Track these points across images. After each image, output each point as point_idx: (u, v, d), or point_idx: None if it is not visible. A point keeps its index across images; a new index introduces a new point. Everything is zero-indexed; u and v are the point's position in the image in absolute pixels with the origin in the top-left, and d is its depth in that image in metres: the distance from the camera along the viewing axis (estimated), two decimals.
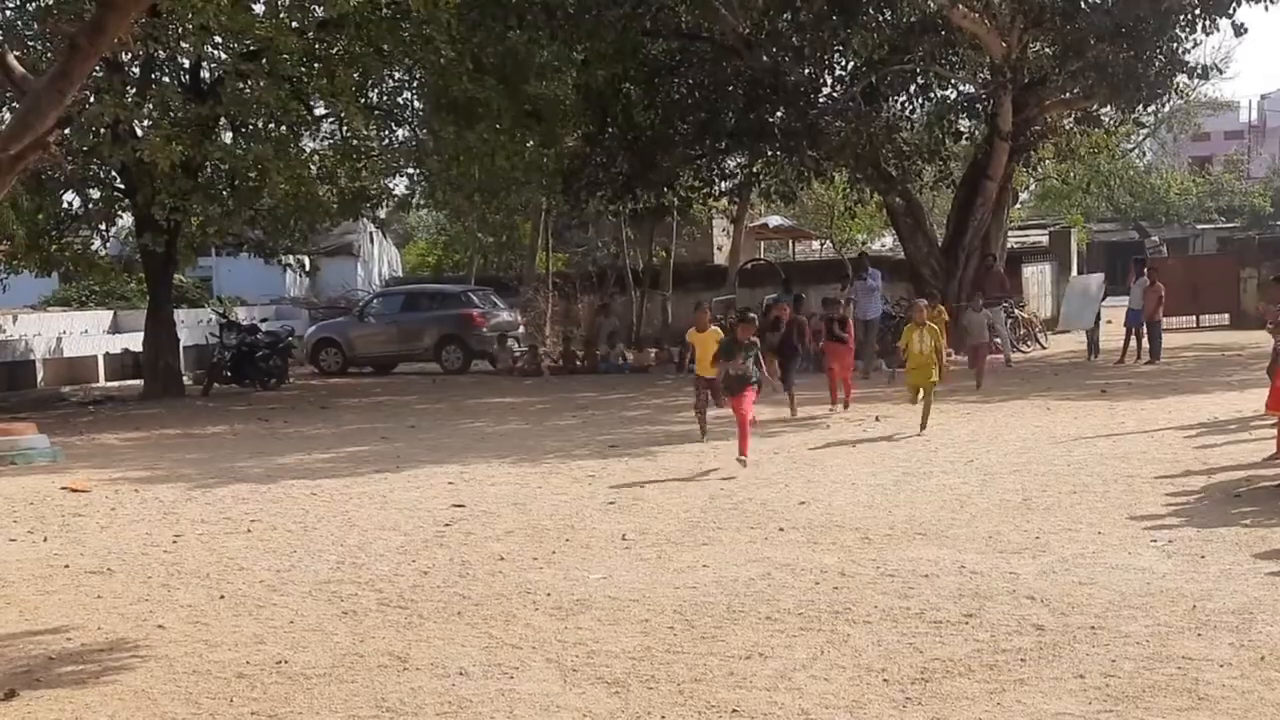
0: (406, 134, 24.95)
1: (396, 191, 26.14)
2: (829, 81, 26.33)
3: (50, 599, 8.03)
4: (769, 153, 26.54)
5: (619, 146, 26.24)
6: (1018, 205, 43.13)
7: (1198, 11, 23.45)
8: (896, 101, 26.55)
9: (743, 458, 12.09)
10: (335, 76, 20.97)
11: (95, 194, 23.48)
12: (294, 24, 20.89)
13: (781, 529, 9.29)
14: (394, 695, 5.87)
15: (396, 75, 23.92)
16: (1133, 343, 23.06)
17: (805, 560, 8.25)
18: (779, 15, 24.64)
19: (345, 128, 23.05)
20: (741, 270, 32.74)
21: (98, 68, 15.97)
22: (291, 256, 28.25)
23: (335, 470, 13.07)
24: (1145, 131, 45.67)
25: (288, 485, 12.18)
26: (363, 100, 22.69)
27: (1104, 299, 25.19)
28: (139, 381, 24.56)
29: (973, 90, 26.57)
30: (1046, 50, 24.96)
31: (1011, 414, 15.91)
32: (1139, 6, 22.82)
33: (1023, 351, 25.48)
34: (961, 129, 27.94)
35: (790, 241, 46.05)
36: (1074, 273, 34.87)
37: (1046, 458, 12.20)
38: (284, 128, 22.51)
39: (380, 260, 44.26)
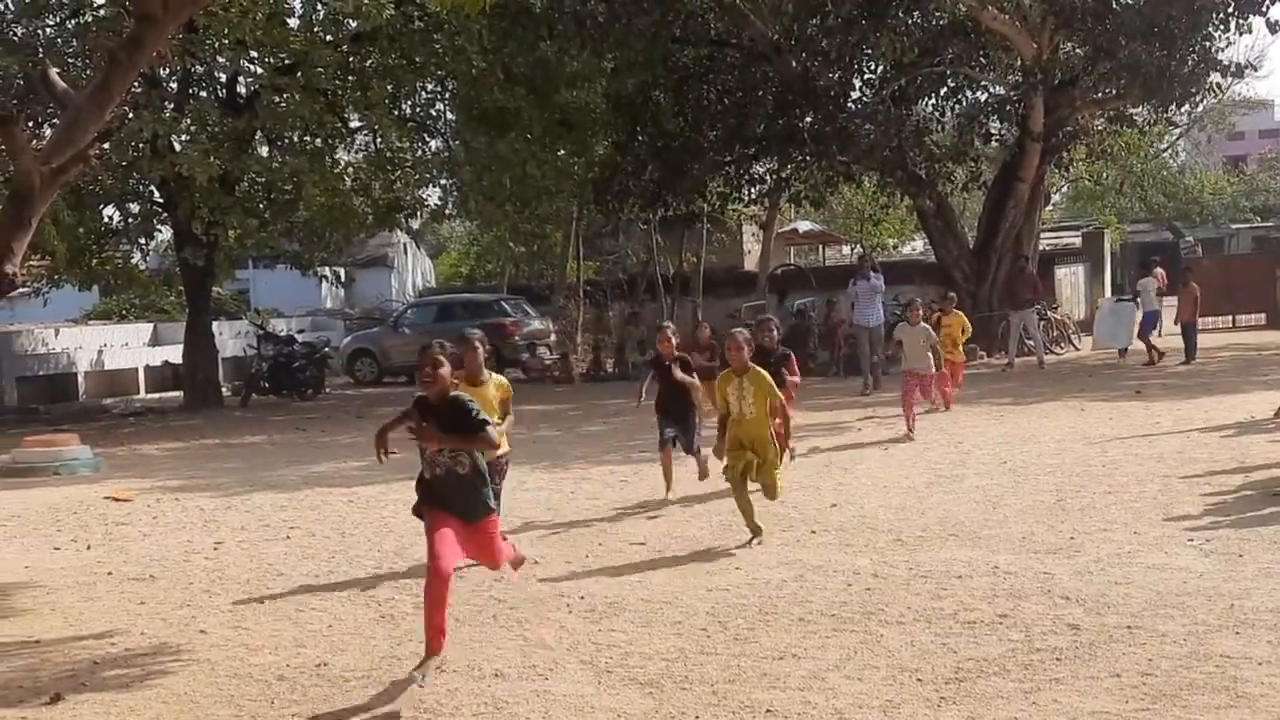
0: (439, 145, 25.15)
1: (430, 202, 26.32)
2: (858, 85, 26.37)
3: (94, 605, 8.14)
4: (798, 157, 26.57)
5: (649, 154, 26.32)
6: (1050, 207, 42.99)
7: (1231, 9, 23.32)
8: (926, 104, 26.54)
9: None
10: (369, 89, 21.17)
11: (135, 208, 23.76)
12: (328, 37, 21.10)
13: (813, 531, 9.31)
14: (431, 697, 5.92)
15: (429, 87, 24.13)
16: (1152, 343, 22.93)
17: (837, 562, 8.27)
18: (808, 20, 24.68)
19: (379, 139, 23.27)
20: (771, 276, 32.71)
21: (136, 83, 16.21)
22: (327, 268, 28.53)
23: (371, 478, 13.15)
24: (1178, 131, 45.43)
25: (325, 493, 12.30)
26: (396, 112, 22.90)
27: (1137, 318, 25.08)
28: (179, 393, 24.82)
29: (1003, 92, 26.52)
30: (1078, 51, 24.89)
31: (1045, 415, 15.84)
32: (1171, 5, 22.70)
33: (1055, 353, 25.36)
34: (992, 131, 27.86)
35: (820, 246, 45.99)
36: (1107, 274, 34.70)
37: (1081, 458, 12.15)
38: (319, 140, 22.75)
39: (414, 271, 44.53)
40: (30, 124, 18.50)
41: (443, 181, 24.79)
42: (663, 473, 11.12)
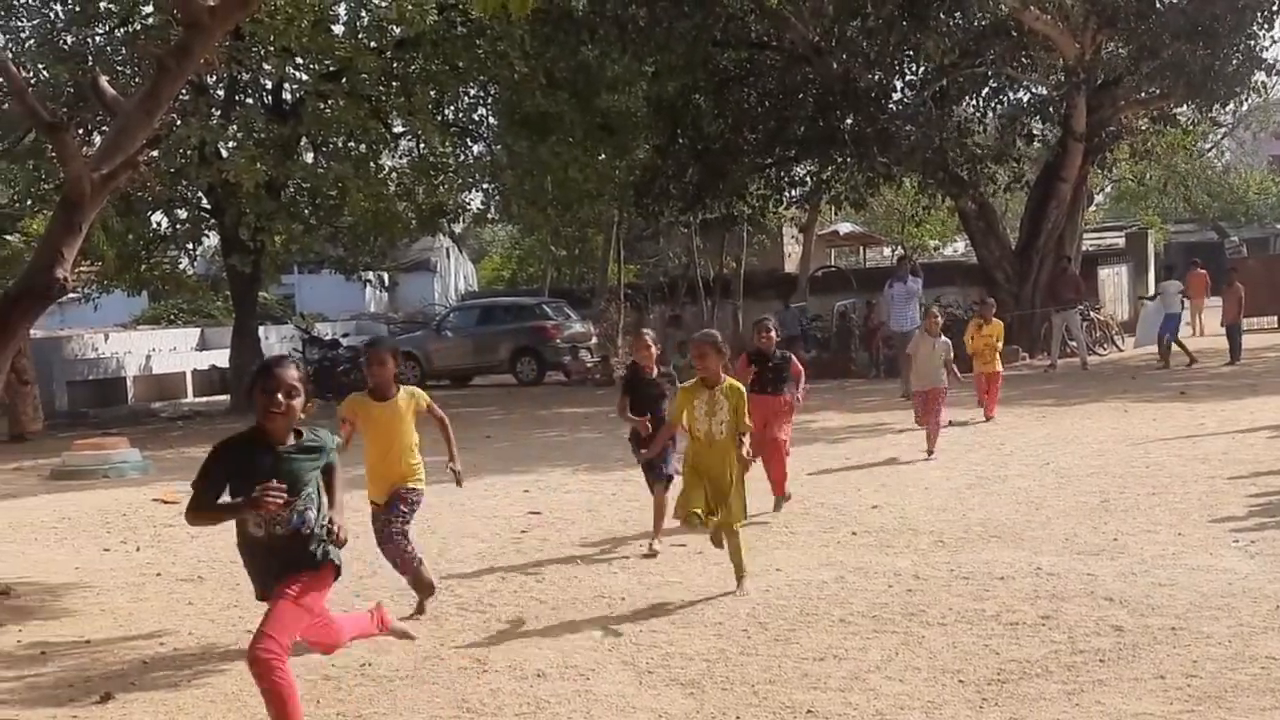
0: (481, 149, 25.29)
1: (472, 207, 26.46)
2: (899, 86, 26.32)
3: (143, 606, 8.24)
4: (839, 159, 26.54)
5: (689, 157, 26.36)
6: (1093, 207, 42.64)
7: (1275, 8, 23.14)
8: (968, 105, 26.44)
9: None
10: (412, 95, 21.34)
11: (183, 214, 24.00)
12: (372, 44, 21.27)
13: (854, 533, 9.31)
14: (474, 696, 5.96)
15: (471, 92, 24.27)
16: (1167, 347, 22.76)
17: (878, 563, 8.27)
18: (849, 22, 24.65)
19: (422, 145, 23.44)
20: (812, 278, 32.68)
21: (184, 91, 16.42)
22: (371, 272, 28.70)
23: None
24: (1223, 130, 44.98)
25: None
26: (439, 117, 23.05)
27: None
28: (225, 396, 25.04)
29: (1045, 92, 26.37)
30: (1120, 50, 24.73)
31: (1088, 416, 15.75)
32: (1215, 4, 22.54)
33: (1099, 354, 25.21)
34: (1034, 131, 27.72)
35: (861, 248, 45.88)
36: (1150, 275, 34.44)
37: (1124, 459, 12.08)
38: (363, 146, 22.92)
39: (456, 275, 44.75)
40: (80, 131, 18.78)
41: (485, 186, 24.92)
42: (654, 516, 9.11)
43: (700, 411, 7.68)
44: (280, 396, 5.07)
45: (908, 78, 26.40)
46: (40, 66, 20.29)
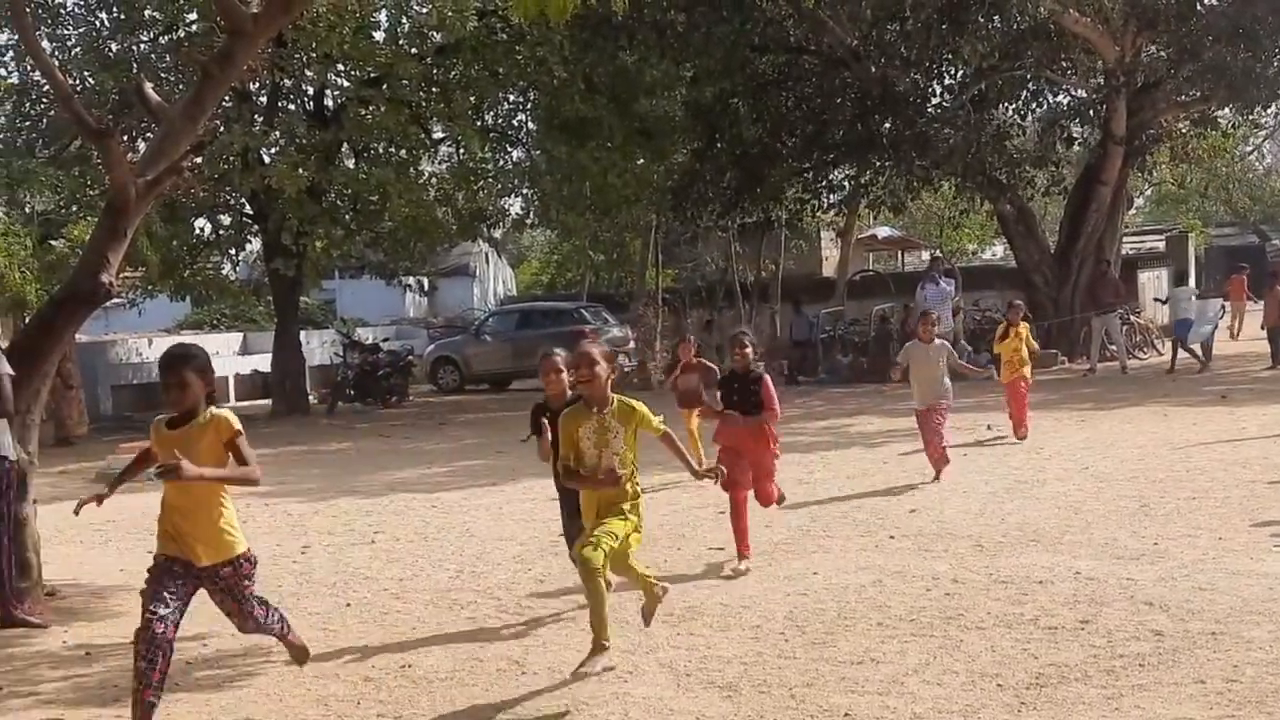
0: (521, 155, 25.40)
1: (511, 212, 26.57)
2: (938, 90, 26.23)
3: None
4: (877, 163, 26.48)
5: (727, 161, 26.37)
6: (1132, 210, 42.38)
7: None
8: (1007, 108, 26.32)
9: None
10: (452, 100, 21.48)
11: (226, 220, 24.23)
12: (413, 50, 21.42)
13: (892, 536, 9.30)
14: (512, 698, 6.01)
15: (511, 97, 24.39)
16: (1180, 353, 22.56)
17: (916, 567, 8.26)
18: (887, 26, 24.62)
19: (462, 150, 23.57)
20: (850, 282, 32.60)
21: (227, 98, 16.59)
22: (411, 277, 28.85)
23: (453, 484, 13.35)
24: (1264, 133, 44.54)
25: (408, 498, 12.48)
26: (479, 123, 23.18)
27: (1220, 317, 24.71)
28: (267, 400, 25.22)
29: (1085, 95, 26.23)
30: (1161, 53, 24.59)
31: (1127, 420, 15.66)
32: (1256, 6, 22.38)
33: (1138, 358, 25.04)
34: (1074, 134, 27.57)
35: (899, 251, 45.72)
36: (1191, 279, 34.18)
37: (1164, 463, 12.01)
38: (404, 151, 23.10)
39: (495, 279, 44.92)
40: (125, 138, 18.99)
41: (524, 191, 25.03)
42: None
43: (588, 442, 6.28)
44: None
45: (946, 81, 26.33)
46: (86, 74, 20.55)
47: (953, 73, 26.15)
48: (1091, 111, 26.35)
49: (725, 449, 8.69)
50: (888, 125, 25.47)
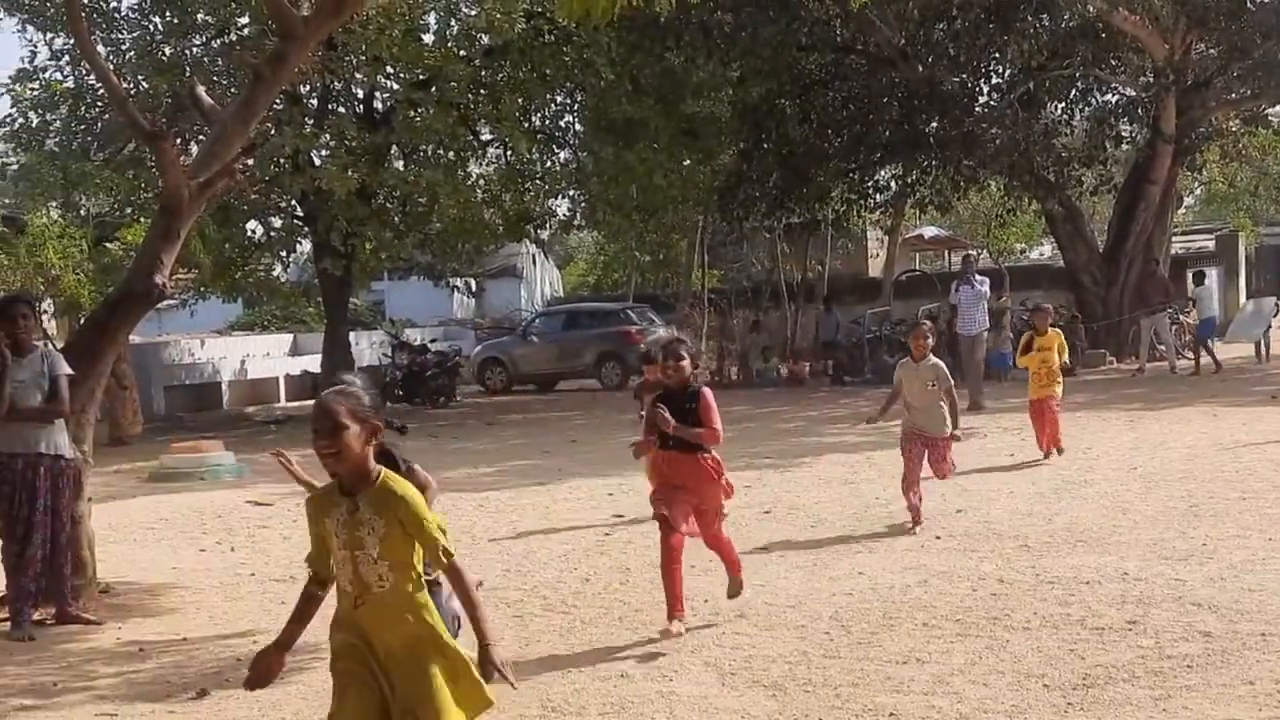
0: (568, 156, 25.45)
1: (558, 213, 26.66)
2: (985, 89, 26.08)
3: (238, 605, 8.44)
4: (924, 163, 26.37)
5: (773, 161, 26.33)
6: (1182, 209, 41.91)
7: None
8: (1055, 107, 26.14)
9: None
10: (500, 102, 21.57)
11: (277, 222, 24.42)
12: (461, 52, 21.51)
13: (938, 537, 9.28)
14: (559, 695, 6.05)
15: (558, 99, 24.45)
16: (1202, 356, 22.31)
17: (962, 568, 8.24)
18: (934, 25, 24.52)
19: (510, 152, 23.66)
20: (896, 282, 32.48)
21: (278, 100, 16.73)
22: (458, 279, 29.00)
23: (501, 483, 13.42)
24: None
25: (456, 497, 12.53)
26: (526, 124, 23.25)
27: (1275, 314, 24.46)
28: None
29: (1134, 93, 26.01)
30: (1210, 51, 24.37)
31: (1176, 420, 15.53)
32: None
33: (1188, 358, 24.79)
34: (1123, 133, 27.35)
35: (946, 251, 45.47)
36: (1242, 278, 33.89)
37: (1214, 464, 11.91)
38: (452, 153, 23.21)
39: (542, 281, 45.05)
40: (179, 141, 19.20)
41: (571, 192, 25.10)
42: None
43: (339, 540, 4.16)
44: None
45: (994, 80, 26.18)
46: (140, 77, 20.78)
47: (1000, 72, 26.01)
48: (1140, 110, 26.13)
49: (661, 485, 7.25)
50: (935, 124, 25.36)
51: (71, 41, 20.08)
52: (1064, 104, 26.28)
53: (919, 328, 10.58)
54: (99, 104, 21.61)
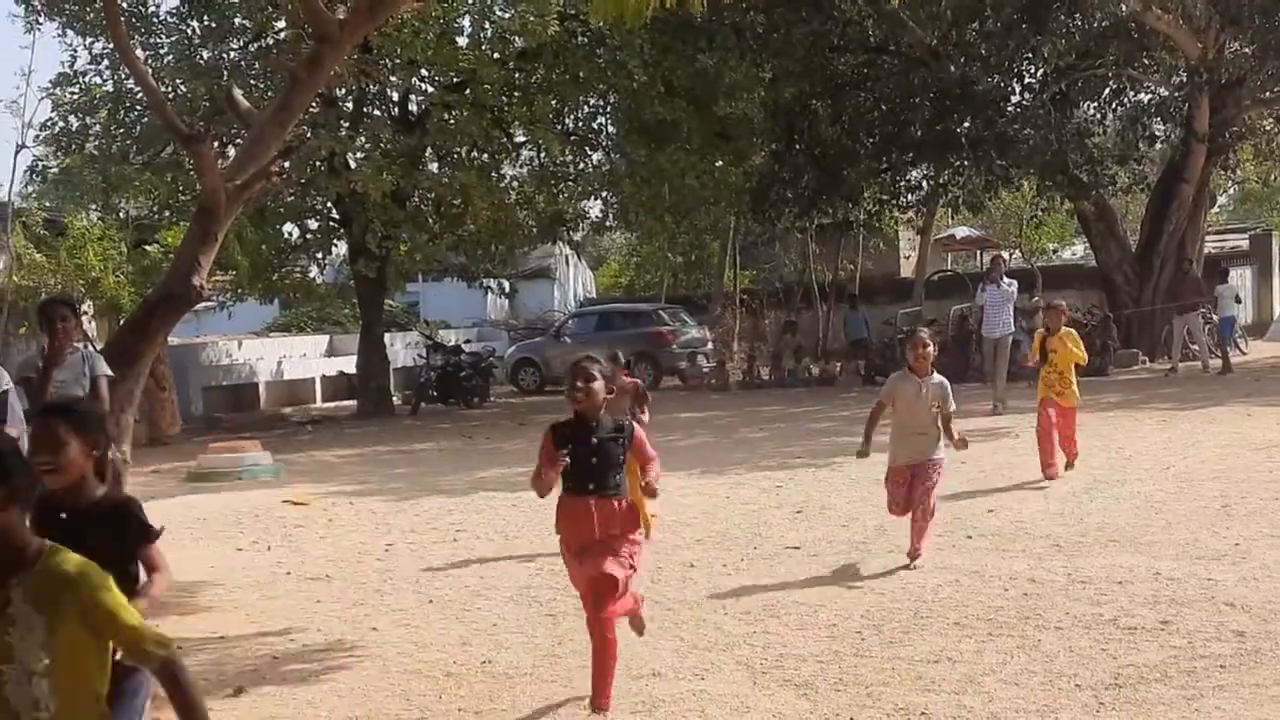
0: (601, 158, 25.50)
1: (591, 214, 26.72)
2: (1018, 89, 25.97)
3: (274, 603, 8.53)
4: (956, 163, 26.28)
5: (805, 162, 26.31)
6: (1215, 209, 41.60)
7: None
8: (1088, 107, 26.01)
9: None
10: (534, 104, 21.65)
11: (313, 224, 24.58)
12: (495, 55, 21.60)
13: (969, 536, 9.27)
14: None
15: (591, 101, 24.50)
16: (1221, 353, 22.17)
17: (994, 567, 8.24)
18: (966, 25, 24.44)
19: (543, 154, 23.73)
20: (928, 282, 32.40)
21: (314, 103, 16.87)
22: (492, 280, 29.09)
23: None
24: None
25: (489, 497, 12.63)
26: (559, 127, 23.33)
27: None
28: (353, 402, 25.58)
29: (1167, 92, 25.86)
30: (1244, 49, 24.17)
31: (1210, 420, 15.42)
32: None
33: (1220, 357, 24.63)
34: (1156, 132, 27.19)
35: (978, 251, 45.27)
36: (1276, 278, 33.58)
37: (1247, 464, 11.84)
38: (486, 156, 23.32)
39: (575, 282, 45.11)
40: (216, 144, 19.40)
41: (604, 194, 25.16)
42: None
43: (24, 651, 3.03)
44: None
45: (1026, 80, 26.05)
46: (178, 81, 20.97)
47: (1033, 71, 25.88)
48: (1174, 109, 25.98)
49: (586, 542, 5.98)
50: (967, 124, 25.26)
51: (111, 46, 20.31)
52: (1097, 103, 26.14)
53: (917, 337, 8.85)
54: (138, 107, 21.82)
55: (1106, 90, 25.82)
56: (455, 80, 22.13)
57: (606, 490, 5.95)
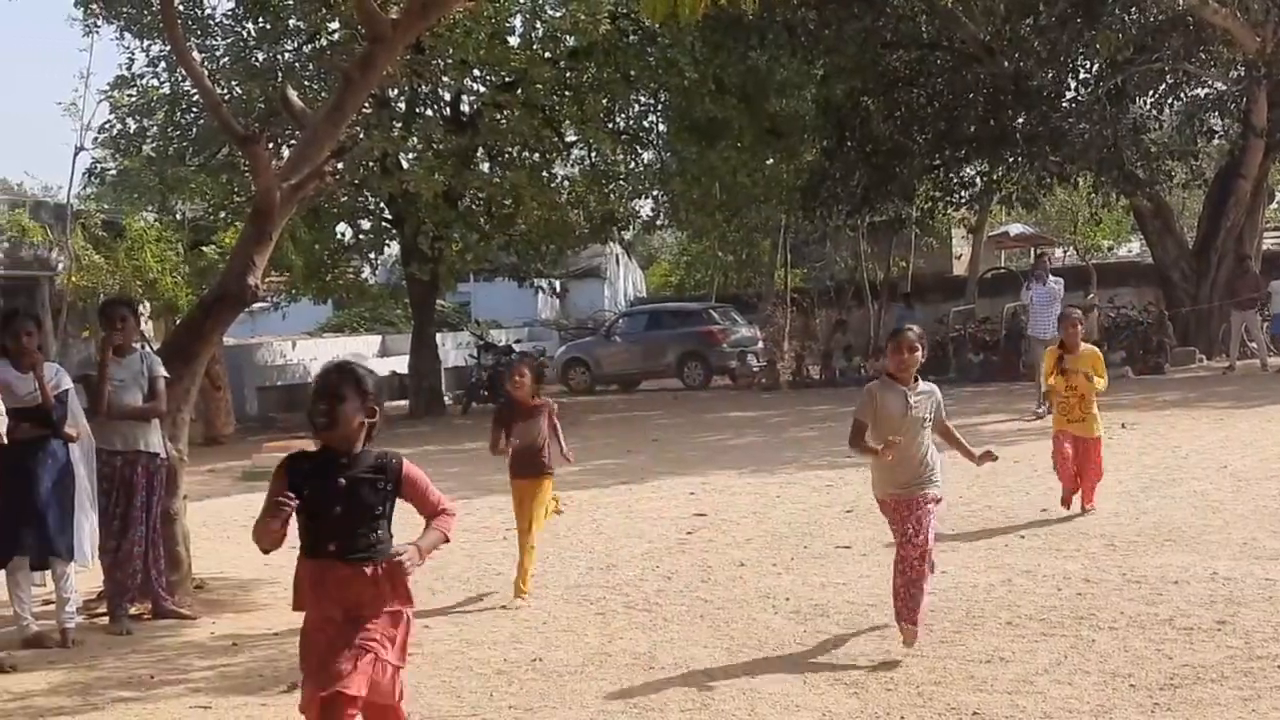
0: (651, 157, 25.51)
1: (642, 213, 26.73)
2: (1072, 84, 25.73)
3: None
4: (1009, 159, 26.08)
5: (857, 159, 26.20)
6: (1274, 205, 40.94)
7: None
8: (1144, 102, 25.74)
9: None
10: (584, 103, 21.70)
11: (365, 225, 24.76)
12: (546, 54, 21.67)
13: (1022, 536, 9.21)
14: (640, 692, 6.10)
15: (642, 99, 24.52)
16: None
17: (1047, 567, 8.18)
18: (1020, 20, 24.24)
19: (594, 153, 23.78)
20: (981, 280, 32.16)
21: (367, 104, 17.01)
22: (543, 280, 29.19)
23: (584, 482, 13.49)
24: None
25: None
26: (610, 125, 23.36)
27: None
28: (404, 401, 25.74)
29: (1224, 87, 25.54)
30: None
31: (1268, 419, 15.21)
32: None
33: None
34: (1213, 127, 26.85)
35: (1032, 249, 44.88)
36: None
37: None
38: (537, 155, 23.38)
39: (626, 281, 45.18)
40: (271, 145, 19.58)
41: (654, 193, 25.16)
42: None
43: None
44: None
45: (1081, 75, 25.83)
46: (234, 83, 21.19)
47: (1088, 66, 25.65)
48: (1231, 104, 25.67)
49: (309, 630, 4.60)
50: (1021, 120, 25.06)
51: (168, 48, 20.53)
52: (1153, 98, 25.87)
53: (902, 337, 6.91)
54: (194, 109, 22.07)
55: (1163, 85, 25.54)
56: (506, 80, 22.22)
57: (355, 552, 4.47)
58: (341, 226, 24.70)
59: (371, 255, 25.61)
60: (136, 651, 7.46)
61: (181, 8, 20.90)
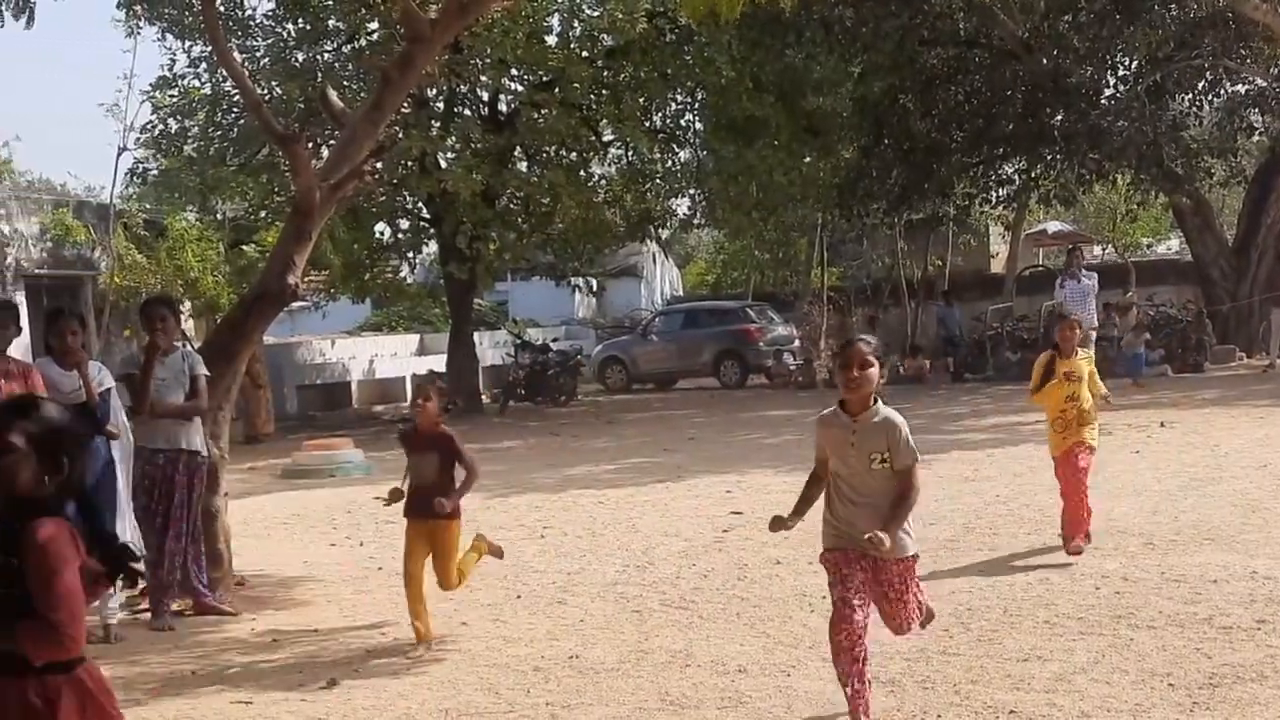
0: (688, 155, 25.52)
1: (679, 212, 26.73)
2: (1111, 81, 25.55)
3: (367, 598, 8.66)
4: (1048, 156, 25.92)
5: (894, 157, 26.10)
6: None
7: None
8: (1183, 98, 25.52)
9: None
10: (622, 102, 21.74)
11: (404, 224, 24.88)
12: (584, 54, 21.73)
13: (1060, 534, 9.15)
14: (677, 690, 6.12)
15: (679, 98, 24.54)
16: None
17: (1085, 565, 8.14)
18: (1059, 17, 24.09)
19: (631, 152, 23.81)
20: (1019, 277, 31.97)
21: (405, 104, 17.10)
22: (580, 278, 29.25)
23: (620, 480, 13.54)
24: None
25: (577, 494, 12.72)
26: (647, 124, 23.38)
27: None
28: None
29: (1265, 84, 25.29)
30: None
31: None
32: None
33: None
34: (1254, 124, 26.60)
35: (1070, 247, 44.59)
36: None
37: None
38: (574, 154, 23.43)
39: (662, 280, 45.15)
40: (311, 144, 19.71)
41: (691, 191, 25.16)
42: None
43: None
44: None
45: (1120, 72, 25.64)
46: (274, 83, 21.33)
47: (1126, 63, 25.47)
48: (1272, 100, 25.42)
49: None
50: (1059, 117, 24.89)
51: (209, 49, 20.69)
52: (1192, 95, 25.66)
53: (851, 349, 5.63)
54: (235, 109, 22.22)
55: (1202, 81, 25.32)
56: (544, 79, 22.28)
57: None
58: (380, 226, 24.82)
59: (410, 254, 25.72)
60: (178, 647, 7.54)
61: (222, 9, 21.06)
